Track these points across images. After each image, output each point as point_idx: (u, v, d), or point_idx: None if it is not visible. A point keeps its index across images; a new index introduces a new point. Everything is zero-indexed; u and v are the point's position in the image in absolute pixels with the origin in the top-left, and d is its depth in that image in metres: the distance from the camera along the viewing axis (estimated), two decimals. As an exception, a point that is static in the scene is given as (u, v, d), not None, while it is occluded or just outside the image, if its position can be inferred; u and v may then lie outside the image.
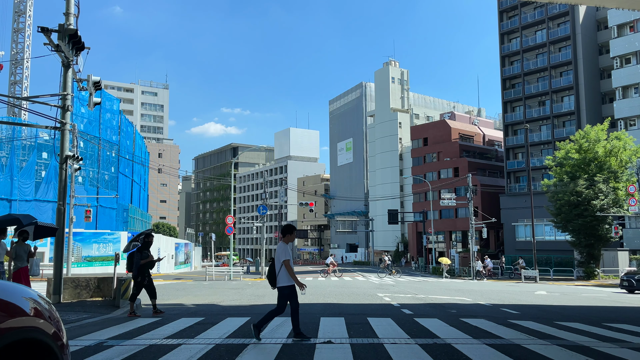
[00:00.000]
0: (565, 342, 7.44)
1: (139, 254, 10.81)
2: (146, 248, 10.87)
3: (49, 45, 12.17)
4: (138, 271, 10.65)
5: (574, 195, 34.09)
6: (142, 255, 10.77)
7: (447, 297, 17.01)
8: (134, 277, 10.78)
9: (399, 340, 7.32)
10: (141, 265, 10.65)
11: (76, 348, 6.53)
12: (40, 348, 2.41)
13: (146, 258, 10.77)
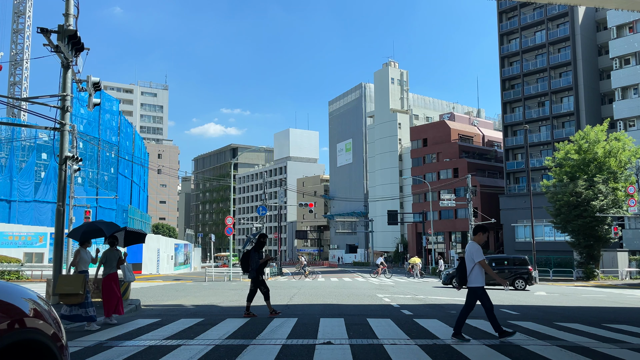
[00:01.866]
0: (565, 342, 7.44)
1: (257, 254, 10.62)
2: (261, 248, 10.74)
3: (49, 46, 12.16)
4: (257, 271, 10.51)
5: (573, 196, 34.10)
6: (259, 255, 10.62)
7: (446, 297, 17.01)
8: (253, 277, 10.59)
9: (399, 341, 7.32)
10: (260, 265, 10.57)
11: (76, 349, 6.52)
12: (40, 349, 2.40)
13: (262, 257, 10.66)
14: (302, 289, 20.42)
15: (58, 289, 8.70)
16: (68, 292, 8.57)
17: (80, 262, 9.21)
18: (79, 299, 8.58)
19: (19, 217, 33.92)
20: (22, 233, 30.53)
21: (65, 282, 8.71)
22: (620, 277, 34.67)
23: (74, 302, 8.58)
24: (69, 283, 8.67)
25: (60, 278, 8.90)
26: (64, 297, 8.62)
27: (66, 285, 8.63)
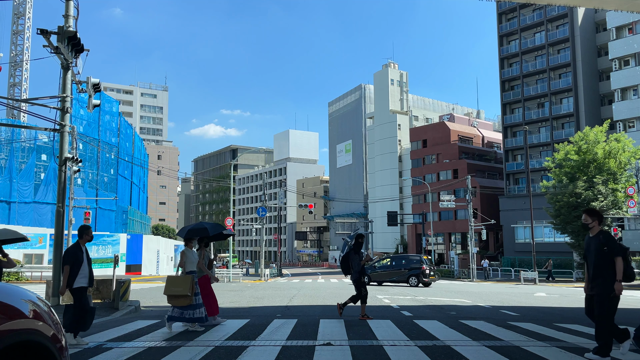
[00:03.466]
0: (564, 343, 7.44)
1: (357, 256, 10.48)
2: (360, 249, 10.59)
3: (49, 48, 12.16)
4: (359, 273, 10.39)
5: (573, 196, 34.11)
6: (360, 256, 10.49)
7: (446, 299, 17.01)
8: (356, 279, 10.43)
9: (399, 342, 7.32)
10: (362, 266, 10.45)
11: (75, 350, 6.52)
12: (39, 350, 2.40)
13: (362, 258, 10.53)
14: (301, 290, 20.41)
15: (167, 290, 8.48)
16: (177, 293, 8.37)
17: (187, 263, 8.90)
18: (188, 301, 8.37)
19: (19, 218, 33.91)
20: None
21: (174, 284, 8.49)
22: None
23: (183, 303, 8.36)
24: (178, 284, 8.46)
25: (169, 279, 8.65)
26: (173, 299, 8.43)
27: (175, 287, 8.43)
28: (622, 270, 5.78)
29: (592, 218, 6.08)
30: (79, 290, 7.23)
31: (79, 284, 7.23)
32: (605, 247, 5.87)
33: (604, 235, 6.00)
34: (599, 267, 5.93)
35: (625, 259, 5.86)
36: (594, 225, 6.08)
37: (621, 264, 5.79)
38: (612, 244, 5.89)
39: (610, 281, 5.86)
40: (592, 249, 6.02)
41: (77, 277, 7.22)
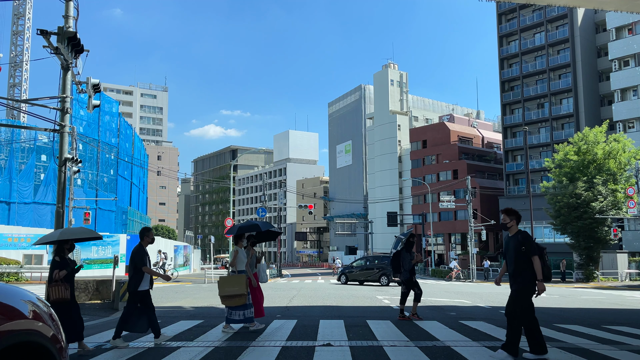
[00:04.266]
0: (564, 344, 7.44)
1: (408, 254, 10.40)
2: (411, 248, 10.50)
3: (48, 48, 12.17)
4: (410, 272, 10.35)
5: (573, 197, 34.12)
6: (411, 256, 10.41)
7: (446, 299, 17.01)
8: (406, 278, 10.36)
9: (398, 342, 7.32)
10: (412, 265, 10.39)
11: (75, 351, 6.52)
12: (39, 351, 2.40)
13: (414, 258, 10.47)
14: (301, 291, 20.41)
15: (221, 291, 8.31)
16: (232, 293, 8.21)
17: (238, 262, 8.77)
18: (242, 300, 8.23)
19: (19, 219, 33.90)
20: (21, 235, 30.50)
21: (229, 284, 8.32)
22: (620, 279, 34.69)
23: (238, 303, 8.21)
24: (233, 284, 8.29)
25: (222, 280, 8.44)
26: (227, 299, 8.27)
27: (230, 287, 8.26)
28: (541, 269, 5.74)
29: (510, 217, 6.04)
30: (143, 294, 7.15)
31: (143, 287, 7.15)
32: (523, 247, 5.83)
33: (522, 235, 5.95)
34: (517, 267, 5.88)
35: (542, 258, 5.81)
36: (513, 225, 6.03)
37: (539, 263, 5.75)
38: (529, 243, 5.85)
39: (528, 280, 5.81)
40: (511, 248, 5.98)
41: (142, 280, 7.14)
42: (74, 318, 6.55)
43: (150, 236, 7.32)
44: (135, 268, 7.09)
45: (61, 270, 6.59)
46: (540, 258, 5.79)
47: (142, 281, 7.14)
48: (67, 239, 6.88)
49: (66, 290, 6.51)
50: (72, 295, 6.71)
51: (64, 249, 6.85)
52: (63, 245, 6.84)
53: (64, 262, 6.75)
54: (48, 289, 6.49)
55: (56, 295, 6.44)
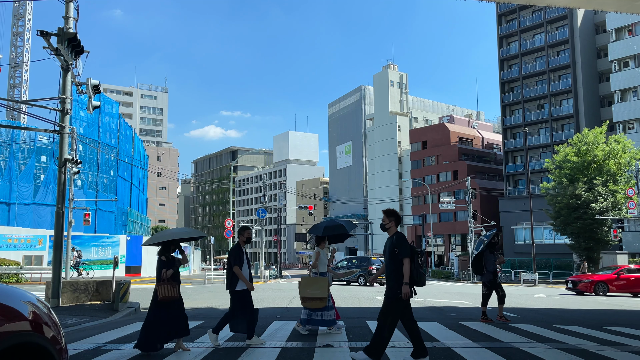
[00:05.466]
0: (564, 345, 7.44)
1: (492, 255, 10.26)
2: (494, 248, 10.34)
3: (49, 49, 12.18)
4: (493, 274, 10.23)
5: (573, 198, 34.12)
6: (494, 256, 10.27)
7: (446, 300, 17.01)
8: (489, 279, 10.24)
9: (398, 343, 7.31)
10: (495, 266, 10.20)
11: (75, 352, 6.51)
12: (39, 352, 2.40)
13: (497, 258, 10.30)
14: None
15: (302, 292, 8.17)
16: (313, 295, 8.06)
17: (320, 264, 8.56)
18: (323, 303, 8.06)
19: (19, 220, 33.90)
20: (21, 236, 30.52)
21: (310, 285, 8.16)
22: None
23: (318, 306, 8.05)
24: (314, 286, 8.13)
25: (304, 281, 8.30)
26: (307, 301, 8.14)
27: (311, 289, 8.11)
28: (409, 273, 5.57)
29: (389, 219, 5.95)
30: (242, 292, 7.08)
31: (241, 286, 7.07)
32: (396, 249, 5.72)
33: (397, 236, 5.81)
34: (391, 269, 5.75)
35: (413, 261, 5.64)
36: (391, 226, 5.92)
37: (408, 266, 5.58)
38: (402, 246, 5.71)
39: (397, 283, 5.66)
40: (387, 250, 5.89)
41: (239, 279, 7.07)
42: (180, 315, 6.70)
43: (245, 235, 7.24)
44: (233, 267, 7.05)
45: (168, 269, 6.69)
46: (411, 261, 5.61)
47: (239, 280, 7.05)
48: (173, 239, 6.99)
49: (173, 289, 6.64)
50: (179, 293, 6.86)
51: (169, 249, 6.95)
52: (169, 245, 6.94)
53: (171, 262, 6.85)
54: (156, 288, 6.65)
55: (164, 294, 6.56)
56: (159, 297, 6.57)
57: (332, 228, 8.85)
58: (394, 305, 5.64)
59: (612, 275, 22.48)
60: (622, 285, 22.03)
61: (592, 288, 21.93)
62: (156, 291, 6.64)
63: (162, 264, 6.78)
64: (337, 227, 8.92)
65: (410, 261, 5.59)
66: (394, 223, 5.88)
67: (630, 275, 22.24)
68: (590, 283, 22.22)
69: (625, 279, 22.13)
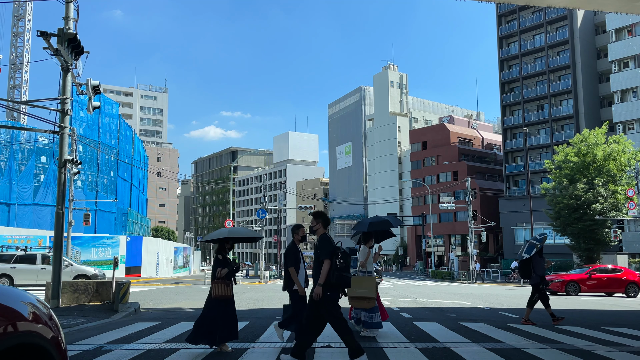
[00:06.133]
0: (564, 345, 7.43)
1: (542, 259, 10.26)
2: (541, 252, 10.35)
3: (49, 50, 12.18)
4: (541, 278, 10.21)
5: (573, 198, 34.12)
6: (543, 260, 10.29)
7: (446, 300, 17.00)
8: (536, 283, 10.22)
9: (398, 344, 7.31)
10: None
11: (75, 352, 6.51)
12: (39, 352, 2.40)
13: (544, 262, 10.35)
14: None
15: (350, 291, 7.88)
16: (362, 295, 7.90)
17: (368, 263, 8.41)
18: (371, 303, 7.95)
19: (18, 221, 33.89)
20: (21, 236, 30.48)
21: (358, 284, 7.96)
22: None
23: (366, 306, 7.93)
24: (363, 285, 7.98)
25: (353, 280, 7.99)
26: (355, 300, 7.99)
27: (359, 288, 7.92)
28: (326, 274, 5.49)
29: (317, 220, 5.91)
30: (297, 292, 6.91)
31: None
32: (319, 251, 5.70)
33: (320, 238, 5.79)
34: (315, 270, 5.71)
35: (332, 263, 5.56)
36: (318, 228, 5.88)
37: (326, 267, 5.51)
38: (323, 247, 5.67)
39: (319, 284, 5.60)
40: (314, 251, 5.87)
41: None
42: (232, 315, 6.76)
43: (300, 233, 7.13)
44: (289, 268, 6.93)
45: (223, 268, 6.71)
46: (331, 263, 5.55)
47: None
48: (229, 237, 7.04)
49: (227, 288, 6.71)
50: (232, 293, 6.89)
51: (225, 248, 6.99)
52: (224, 245, 6.98)
53: (226, 261, 6.88)
54: (211, 286, 6.76)
55: (218, 292, 6.64)
56: (213, 295, 6.68)
57: (378, 224, 8.65)
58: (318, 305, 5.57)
59: (584, 275, 22.58)
60: (593, 285, 22.14)
61: (564, 288, 22.02)
62: (211, 289, 6.75)
63: (218, 262, 6.83)
64: (382, 222, 8.75)
65: (330, 263, 5.54)
66: (321, 225, 5.85)
67: (602, 275, 22.36)
68: (561, 283, 22.28)
69: (596, 278, 22.24)
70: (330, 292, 5.58)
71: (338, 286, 5.63)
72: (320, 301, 5.52)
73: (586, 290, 22.06)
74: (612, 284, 22.13)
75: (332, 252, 5.61)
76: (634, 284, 22.02)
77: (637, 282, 22.17)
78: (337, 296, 5.68)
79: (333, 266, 5.55)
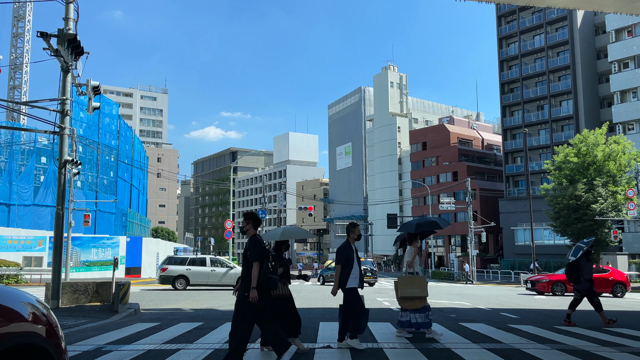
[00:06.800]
0: (565, 346, 7.43)
1: (589, 262, 10.13)
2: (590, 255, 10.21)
3: (48, 50, 12.18)
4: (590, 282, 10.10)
5: (573, 199, 34.13)
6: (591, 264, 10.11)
7: (446, 301, 16.99)
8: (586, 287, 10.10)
9: (399, 345, 7.31)
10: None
11: (74, 353, 6.51)
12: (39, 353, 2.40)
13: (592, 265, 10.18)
14: (301, 293, 20.39)
15: (402, 291, 7.88)
16: (414, 295, 7.84)
17: (416, 263, 8.32)
18: (422, 303, 7.90)
19: (18, 221, 33.88)
20: (21, 237, 30.49)
21: (411, 284, 7.93)
22: (620, 281, 34.60)
23: (417, 306, 7.88)
24: (416, 285, 7.91)
25: (403, 280, 8.02)
26: (407, 301, 7.92)
27: (412, 288, 7.88)
28: (257, 277, 5.49)
29: (247, 221, 5.88)
30: (350, 291, 6.88)
31: (351, 284, 6.89)
32: (248, 252, 5.68)
33: (250, 239, 5.73)
34: (244, 271, 5.70)
35: (262, 265, 5.55)
36: (249, 229, 5.83)
37: (257, 270, 5.50)
38: (252, 249, 5.63)
39: (247, 286, 5.57)
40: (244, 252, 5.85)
41: (349, 277, 6.88)
42: (292, 313, 6.73)
43: (356, 232, 7.04)
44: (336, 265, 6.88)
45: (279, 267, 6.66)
46: (260, 265, 5.54)
47: (349, 277, 6.86)
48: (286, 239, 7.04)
49: (284, 287, 6.69)
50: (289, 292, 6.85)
51: (281, 248, 6.95)
52: (280, 245, 6.95)
53: (281, 260, 6.84)
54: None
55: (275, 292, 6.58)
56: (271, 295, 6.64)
57: (425, 225, 8.59)
58: (244, 307, 5.53)
59: None
60: None
61: (550, 288, 21.97)
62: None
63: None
64: (429, 223, 8.69)
65: (260, 265, 5.53)
66: (251, 225, 5.81)
67: None
68: (547, 283, 22.25)
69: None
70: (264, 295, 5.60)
71: (267, 288, 5.63)
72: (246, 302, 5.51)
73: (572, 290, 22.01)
74: (599, 284, 22.03)
75: (262, 254, 5.59)
76: (621, 284, 22.04)
77: (624, 282, 22.22)
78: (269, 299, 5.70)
79: (264, 268, 5.56)
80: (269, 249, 5.78)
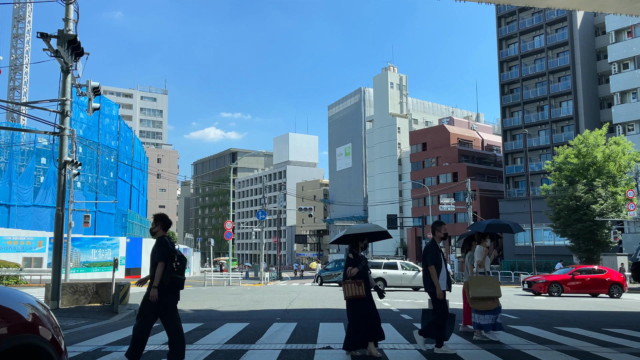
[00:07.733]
0: (564, 347, 7.43)
1: None
2: None
3: (48, 51, 12.19)
4: None
5: (573, 199, 34.13)
6: None
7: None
8: None
9: (399, 345, 7.31)
10: None
11: (74, 354, 6.51)
12: (39, 354, 2.40)
13: None
14: (301, 294, 20.40)
15: (474, 292, 7.67)
16: (487, 295, 7.65)
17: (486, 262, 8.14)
18: (495, 304, 7.74)
19: (18, 222, 33.88)
20: (21, 238, 30.50)
21: (484, 284, 7.74)
22: (620, 281, 34.60)
23: (489, 307, 7.69)
24: (488, 285, 7.73)
25: (474, 280, 7.83)
26: (479, 302, 7.71)
27: (485, 288, 7.69)
28: (160, 277, 5.55)
29: (156, 223, 5.92)
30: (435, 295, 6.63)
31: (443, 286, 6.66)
32: (156, 253, 5.72)
33: (157, 241, 5.78)
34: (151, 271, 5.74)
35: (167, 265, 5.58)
36: (158, 230, 5.88)
37: (160, 270, 5.56)
38: (158, 250, 5.69)
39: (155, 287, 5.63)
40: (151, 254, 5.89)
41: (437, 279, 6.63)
42: (371, 315, 6.41)
43: (442, 230, 6.81)
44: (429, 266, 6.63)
45: (354, 267, 6.39)
46: (165, 265, 5.59)
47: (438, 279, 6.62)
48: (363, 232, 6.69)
49: (358, 287, 6.30)
50: (368, 292, 6.46)
51: (358, 246, 6.61)
52: (358, 243, 6.61)
53: (357, 259, 6.51)
54: (343, 286, 6.41)
55: (349, 293, 6.31)
56: (345, 297, 6.37)
57: (496, 226, 8.43)
58: (147, 306, 5.64)
59: (567, 275, 22.49)
60: (576, 285, 22.05)
61: (546, 288, 21.92)
62: (343, 290, 6.44)
63: (349, 261, 6.50)
64: (501, 226, 8.53)
65: (165, 265, 5.58)
66: (160, 227, 5.87)
67: (585, 276, 22.28)
68: (544, 284, 22.22)
69: (580, 279, 22.17)
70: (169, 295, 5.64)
71: (172, 288, 5.67)
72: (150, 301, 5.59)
73: (569, 290, 21.97)
74: (596, 284, 22.06)
75: (168, 255, 5.64)
76: (618, 284, 22.02)
77: (621, 282, 22.19)
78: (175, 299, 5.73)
79: (168, 268, 5.60)
80: (176, 250, 5.77)
